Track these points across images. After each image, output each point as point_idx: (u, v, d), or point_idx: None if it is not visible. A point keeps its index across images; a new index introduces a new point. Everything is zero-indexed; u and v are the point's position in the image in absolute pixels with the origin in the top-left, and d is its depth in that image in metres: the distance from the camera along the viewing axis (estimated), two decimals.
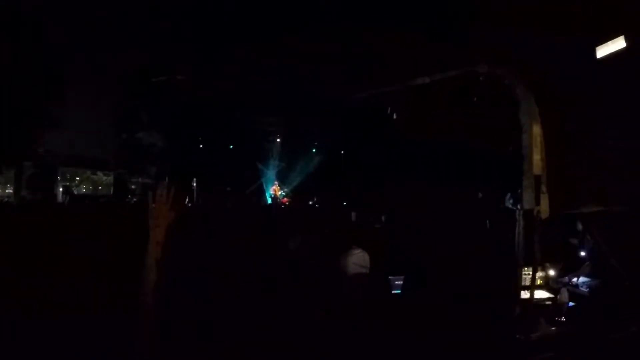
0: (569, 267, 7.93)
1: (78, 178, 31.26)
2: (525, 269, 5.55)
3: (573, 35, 6.15)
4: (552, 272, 7.26)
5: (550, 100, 5.39)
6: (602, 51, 6.27)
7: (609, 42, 6.23)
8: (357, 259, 6.86)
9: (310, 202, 27.52)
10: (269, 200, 28.83)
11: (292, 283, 6.84)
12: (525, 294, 5.52)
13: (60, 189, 26.36)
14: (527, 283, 5.57)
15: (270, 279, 7.09)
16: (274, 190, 29.26)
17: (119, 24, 19.36)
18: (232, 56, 20.08)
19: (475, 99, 5.64)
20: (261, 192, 30.11)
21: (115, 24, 19.55)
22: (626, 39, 6.14)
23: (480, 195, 5.77)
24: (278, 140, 29.72)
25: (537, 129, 5.03)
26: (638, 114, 6.22)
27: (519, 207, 5.06)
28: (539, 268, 6.64)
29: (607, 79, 6.19)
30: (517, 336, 5.25)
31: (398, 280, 7.02)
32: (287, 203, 27.40)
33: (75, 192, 27.50)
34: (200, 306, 6.44)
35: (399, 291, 6.92)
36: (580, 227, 9.07)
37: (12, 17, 20.22)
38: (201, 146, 28.35)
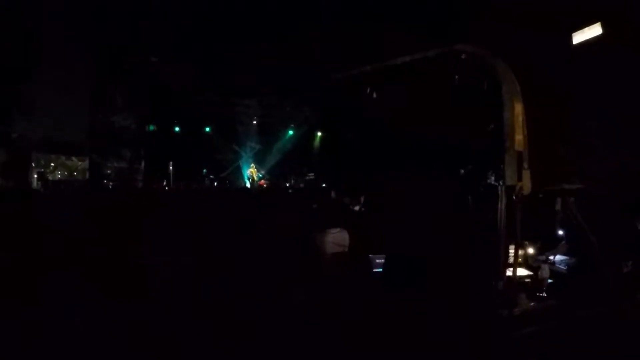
0: (547, 245, 8.02)
1: (52, 164, 30.79)
2: (508, 246, 5.59)
3: (551, 21, 6.20)
4: (531, 250, 7.36)
5: (530, 80, 5.42)
6: (578, 37, 6.35)
7: (585, 29, 6.31)
8: (335, 238, 6.86)
9: (288, 184, 27.53)
10: (247, 183, 28.74)
11: (268, 263, 6.84)
12: (508, 271, 5.57)
13: (35, 176, 25.98)
14: (510, 260, 5.63)
15: (246, 259, 7.08)
16: (250, 173, 29.12)
17: (92, 3, 19.03)
18: (206, 37, 19.93)
19: (456, 77, 5.65)
20: (238, 175, 30.00)
21: (88, 4, 19.21)
22: (602, 26, 6.22)
23: (462, 171, 5.81)
24: (255, 122, 29.54)
25: (519, 107, 5.06)
26: (616, 99, 6.32)
27: (501, 183, 5.08)
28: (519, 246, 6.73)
29: (584, 64, 6.25)
30: (500, 311, 5.31)
31: (379, 259, 7.04)
32: (264, 185, 27.33)
33: (50, 178, 27.11)
34: (178, 286, 6.44)
35: (381, 269, 6.94)
36: (558, 205, 9.17)
37: None
38: (176, 129, 28.15)
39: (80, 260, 7.10)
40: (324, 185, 20.71)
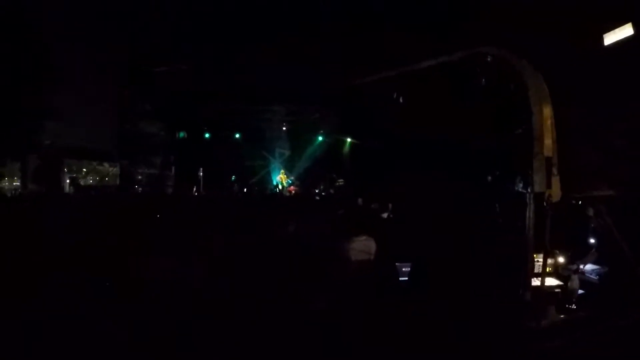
0: (578, 254, 7.84)
1: (85, 169, 31.09)
2: (536, 255, 5.44)
3: (581, 22, 6.06)
4: (561, 259, 7.17)
5: (559, 83, 5.27)
6: (610, 38, 6.20)
7: (616, 30, 6.16)
8: (361, 246, 6.76)
9: (317, 190, 27.41)
10: (276, 189, 28.72)
11: (295, 270, 6.76)
12: (536, 281, 5.42)
13: (67, 181, 26.26)
14: (538, 270, 5.48)
15: (273, 265, 7.02)
16: (280, 179, 29.10)
17: (120, 12, 19.18)
18: (235, 46, 19.97)
19: (483, 81, 5.51)
20: (267, 181, 30.00)
21: (117, 13, 19.35)
22: (633, 27, 6.07)
23: (489, 178, 5.67)
24: (284, 128, 29.50)
25: (547, 111, 4.91)
26: None
27: (529, 190, 4.93)
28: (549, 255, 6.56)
29: (615, 65, 6.10)
30: (528, 323, 5.16)
31: (405, 267, 6.93)
32: (293, 191, 27.27)
33: (82, 184, 27.38)
34: (204, 290, 6.40)
35: (407, 278, 6.83)
36: (590, 212, 8.98)
37: (8, 9, 20.14)
38: (206, 136, 28.21)
39: (99, 262, 7.12)
40: (351, 191, 20.66)
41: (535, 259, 5.50)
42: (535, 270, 5.49)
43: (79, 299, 5.86)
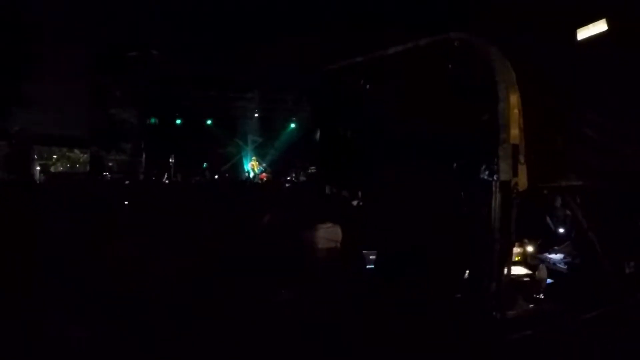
0: (547, 243, 7.86)
1: (55, 156, 30.79)
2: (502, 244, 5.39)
3: (554, 17, 6.06)
4: (530, 248, 7.16)
5: (527, 69, 5.21)
6: (583, 34, 6.21)
7: (590, 25, 6.17)
8: (326, 233, 6.72)
9: (289, 178, 27.40)
10: (247, 176, 28.74)
11: (259, 258, 6.70)
12: (514, 271, 5.40)
13: (38, 168, 25.96)
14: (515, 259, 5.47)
15: (237, 255, 6.96)
16: (251, 166, 29.10)
17: None
18: (207, 31, 19.84)
19: (449, 66, 5.44)
20: (239, 168, 30.00)
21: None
22: (607, 22, 6.08)
23: (455, 165, 5.62)
24: (256, 115, 29.49)
25: (514, 98, 4.83)
26: (618, 93, 6.14)
27: (495, 178, 4.85)
28: (517, 244, 6.54)
29: (585, 55, 6.11)
30: (494, 313, 5.10)
31: (372, 254, 6.88)
32: (264, 178, 27.25)
33: (53, 171, 27.12)
34: (169, 280, 6.33)
35: (373, 266, 6.78)
36: (559, 202, 9.01)
37: None
38: (178, 122, 28.11)
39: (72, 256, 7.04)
40: (322, 178, 20.64)
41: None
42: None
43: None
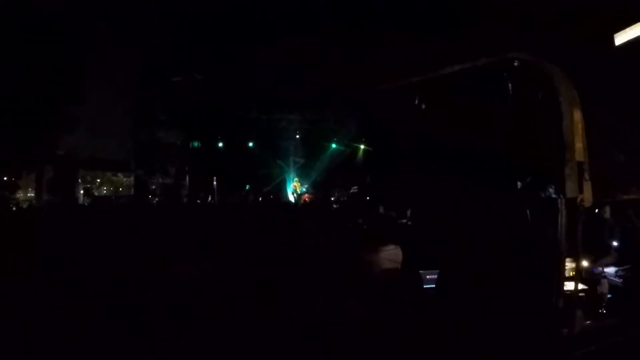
0: (599, 256, 7.80)
1: (98, 180, 31.31)
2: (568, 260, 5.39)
3: (596, 23, 6.01)
4: (585, 263, 7.12)
5: (587, 87, 5.23)
6: (621, 38, 6.14)
7: (627, 29, 6.11)
8: (391, 255, 6.73)
9: (332, 198, 27.39)
10: (290, 197, 28.78)
11: (321, 281, 6.72)
12: (568, 286, 5.38)
13: (82, 191, 26.42)
14: (569, 274, 5.44)
15: (297, 277, 6.98)
16: (294, 187, 29.16)
17: (135, 23, 19.19)
18: (248, 55, 20.02)
19: (510, 86, 5.47)
20: (281, 189, 30.05)
21: (131, 24, 19.41)
22: None
23: (519, 184, 5.63)
24: (298, 136, 29.59)
25: (577, 115, 4.86)
26: None
27: (561, 196, 4.88)
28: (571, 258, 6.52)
29: (630, 65, 6.05)
30: (560, 330, 5.10)
31: (430, 274, 6.88)
32: (307, 199, 27.27)
33: (96, 194, 27.62)
34: (225, 300, 6.37)
35: (433, 285, 6.78)
36: (608, 213, 8.91)
37: (30, 18, 20.23)
38: (220, 145, 28.33)
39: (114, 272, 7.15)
40: (368, 198, 20.59)
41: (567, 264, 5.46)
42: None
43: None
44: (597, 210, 8.76)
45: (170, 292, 6.53)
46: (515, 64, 5.34)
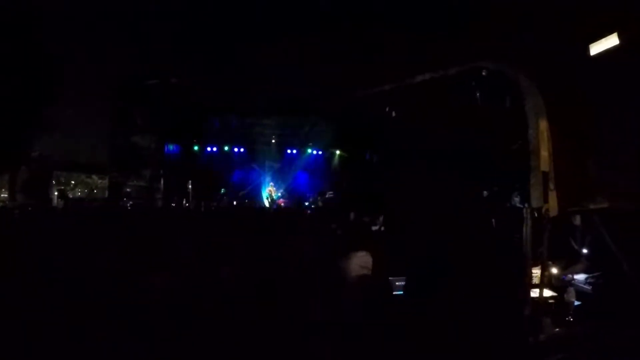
0: (568, 264, 7.85)
1: (73, 182, 31.07)
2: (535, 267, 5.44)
3: (571, 32, 6.05)
4: (554, 270, 7.16)
5: (554, 95, 5.27)
6: (596, 48, 6.18)
7: (602, 40, 6.15)
8: (361, 261, 6.74)
9: (307, 203, 27.41)
10: (265, 202, 28.80)
11: (291, 286, 6.72)
12: (534, 293, 5.41)
13: (56, 193, 26.22)
14: (536, 282, 5.47)
15: (267, 281, 6.97)
16: (269, 192, 29.16)
17: (112, 25, 19.04)
18: (226, 58, 20.00)
19: (478, 94, 5.51)
20: (256, 194, 30.03)
21: (109, 26, 19.27)
22: (619, 36, 6.05)
23: (485, 193, 5.65)
24: (273, 141, 29.64)
25: (543, 124, 4.90)
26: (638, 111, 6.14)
27: (526, 205, 4.92)
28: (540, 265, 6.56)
29: (605, 75, 6.09)
30: (528, 338, 5.13)
31: (399, 281, 6.90)
32: (282, 204, 27.29)
33: (70, 196, 27.40)
34: (196, 307, 6.33)
35: (401, 292, 6.79)
36: (577, 221, 8.97)
37: (7, 18, 20.05)
38: (195, 148, 28.34)
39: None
40: (341, 204, 20.63)
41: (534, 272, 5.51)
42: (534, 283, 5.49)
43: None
44: (566, 218, 8.85)
45: (145, 301, 6.49)
46: (484, 72, 5.38)
